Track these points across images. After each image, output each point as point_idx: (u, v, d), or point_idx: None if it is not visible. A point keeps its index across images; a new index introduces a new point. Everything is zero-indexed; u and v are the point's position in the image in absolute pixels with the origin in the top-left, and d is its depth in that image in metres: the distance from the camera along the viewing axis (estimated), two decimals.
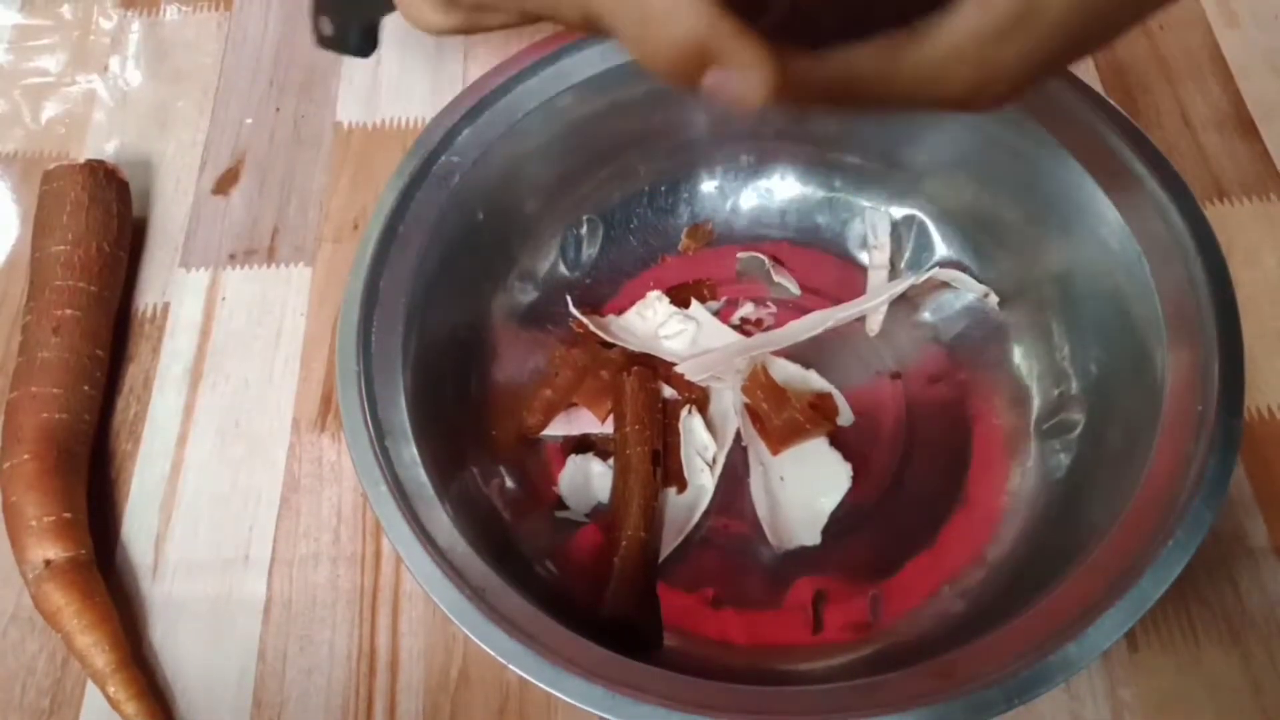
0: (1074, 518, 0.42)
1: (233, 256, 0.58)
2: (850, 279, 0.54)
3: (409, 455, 0.39)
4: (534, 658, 0.33)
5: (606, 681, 0.33)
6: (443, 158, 0.45)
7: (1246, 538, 0.48)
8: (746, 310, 0.54)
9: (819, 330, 0.50)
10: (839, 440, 0.49)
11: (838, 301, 0.53)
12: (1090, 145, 0.44)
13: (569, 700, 0.33)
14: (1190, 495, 0.36)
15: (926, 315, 0.53)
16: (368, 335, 0.41)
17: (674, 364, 0.50)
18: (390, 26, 0.67)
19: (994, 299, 0.51)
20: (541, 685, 0.33)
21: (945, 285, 0.52)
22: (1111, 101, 0.45)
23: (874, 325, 0.52)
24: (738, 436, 0.49)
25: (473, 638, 0.34)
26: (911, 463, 0.49)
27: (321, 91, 0.64)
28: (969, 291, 0.51)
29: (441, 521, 0.37)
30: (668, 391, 0.50)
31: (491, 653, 0.33)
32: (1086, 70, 0.62)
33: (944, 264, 0.52)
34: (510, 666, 0.33)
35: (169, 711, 0.45)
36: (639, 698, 0.32)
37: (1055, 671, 0.33)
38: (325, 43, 0.43)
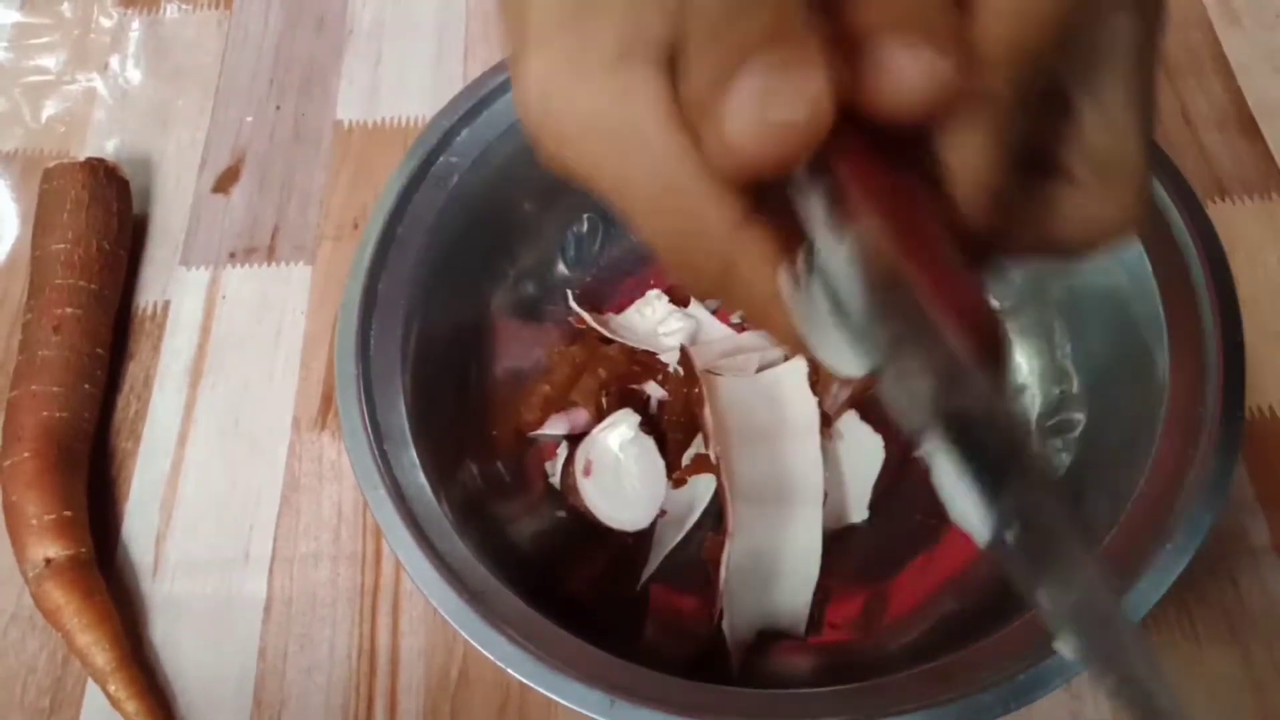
0: None
1: (233, 255, 0.58)
2: None
3: (408, 459, 0.39)
4: (533, 662, 0.33)
5: (605, 685, 0.33)
6: (441, 158, 0.45)
7: (1247, 537, 0.48)
8: None
9: None
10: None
11: None
12: None
13: (567, 704, 0.33)
14: (1190, 497, 0.36)
15: None
16: (367, 338, 0.41)
17: (668, 364, 0.50)
18: (389, 24, 0.67)
19: (994, 302, 0.51)
20: (541, 690, 0.33)
21: None
22: None
23: None
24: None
25: (472, 642, 0.34)
26: (912, 462, 0.49)
27: (321, 90, 0.64)
28: None
29: (441, 525, 0.37)
30: (659, 392, 0.50)
31: (491, 657, 0.33)
32: None
33: None
34: (509, 671, 0.33)
35: (169, 710, 0.45)
36: (637, 702, 0.32)
37: (1052, 675, 0.33)
38: None
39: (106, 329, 0.53)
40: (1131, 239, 0.26)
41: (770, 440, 0.46)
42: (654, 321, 0.52)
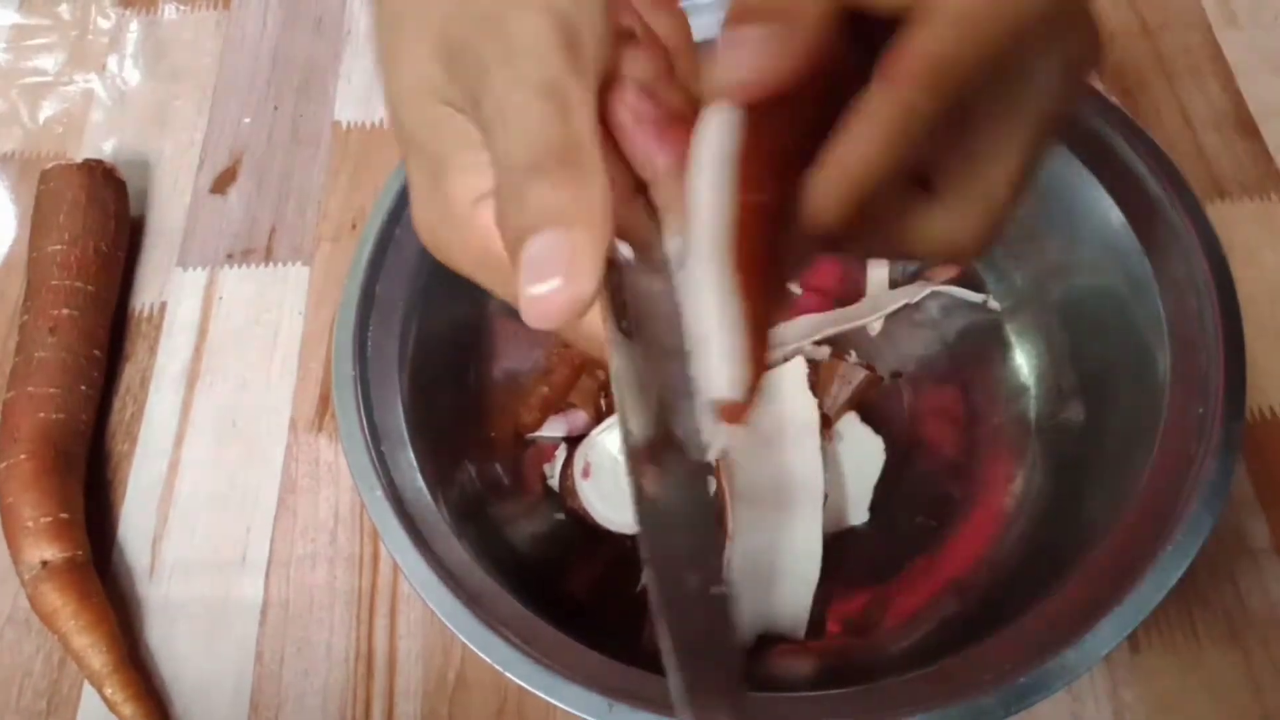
0: (1075, 519, 0.42)
1: (230, 256, 0.58)
2: (853, 277, 0.53)
3: (406, 460, 0.39)
4: (531, 665, 0.33)
5: (604, 688, 0.32)
6: None
7: (1248, 538, 0.47)
8: None
9: (814, 337, 0.50)
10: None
11: (840, 300, 0.53)
12: (1092, 144, 0.44)
13: (565, 708, 0.32)
14: (1190, 498, 0.36)
15: (928, 314, 0.52)
16: (364, 339, 0.41)
17: None
18: None
19: (994, 304, 0.51)
20: (539, 693, 0.33)
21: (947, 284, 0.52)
22: (1113, 100, 0.45)
23: (875, 325, 0.52)
24: None
25: (470, 645, 0.34)
26: (912, 463, 0.49)
27: (319, 91, 0.64)
28: (969, 295, 0.51)
29: (439, 527, 0.37)
30: None
31: (489, 660, 0.33)
32: None
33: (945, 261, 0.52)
34: (507, 674, 0.33)
35: (166, 713, 0.45)
36: (636, 705, 0.32)
37: (1053, 678, 0.32)
38: None
39: (103, 330, 0.53)
40: (966, 263, 0.27)
41: (770, 442, 0.46)
42: None
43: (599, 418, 0.49)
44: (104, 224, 0.54)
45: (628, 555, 0.47)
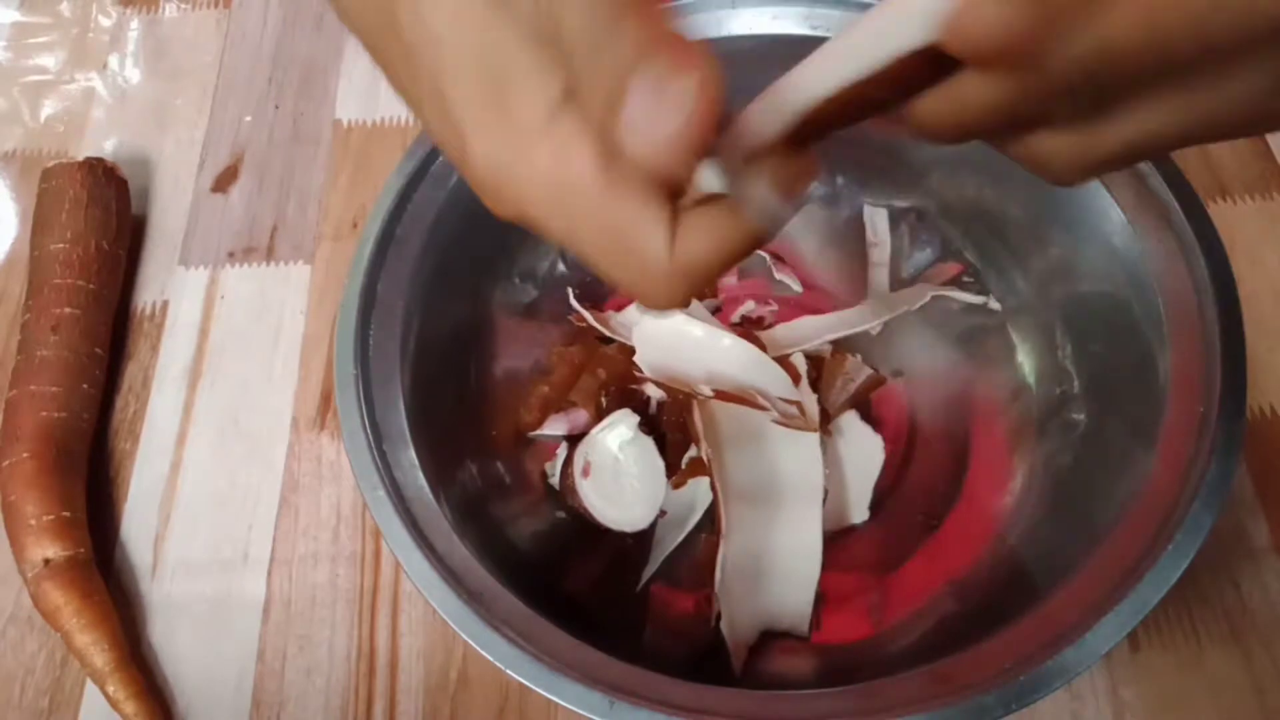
0: (1075, 519, 0.42)
1: (232, 254, 0.58)
2: (855, 278, 0.53)
3: (407, 459, 0.39)
4: (532, 663, 0.33)
5: (605, 686, 0.33)
6: (441, 157, 0.45)
7: (1248, 537, 0.47)
8: (747, 308, 0.53)
9: (815, 343, 0.50)
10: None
11: (840, 300, 0.53)
12: None
13: (567, 705, 0.32)
14: (1191, 498, 0.36)
15: (929, 314, 0.52)
16: (366, 338, 0.41)
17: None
18: None
19: (995, 304, 0.51)
20: (541, 691, 0.33)
21: (948, 282, 0.52)
22: None
23: (875, 325, 0.52)
24: None
25: (472, 643, 0.34)
26: (913, 462, 0.49)
27: (321, 89, 0.64)
28: (970, 299, 0.51)
29: (440, 526, 0.37)
30: (659, 392, 0.50)
31: (490, 658, 0.33)
32: None
33: (946, 260, 0.52)
34: (509, 672, 0.33)
35: (168, 711, 0.45)
36: (637, 703, 0.32)
37: (1053, 677, 0.32)
38: None
39: (105, 329, 0.53)
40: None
41: (765, 440, 0.46)
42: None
43: (599, 416, 0.48)
44: (105, 222, 0.54)
45: (628, 553, 0.47)
